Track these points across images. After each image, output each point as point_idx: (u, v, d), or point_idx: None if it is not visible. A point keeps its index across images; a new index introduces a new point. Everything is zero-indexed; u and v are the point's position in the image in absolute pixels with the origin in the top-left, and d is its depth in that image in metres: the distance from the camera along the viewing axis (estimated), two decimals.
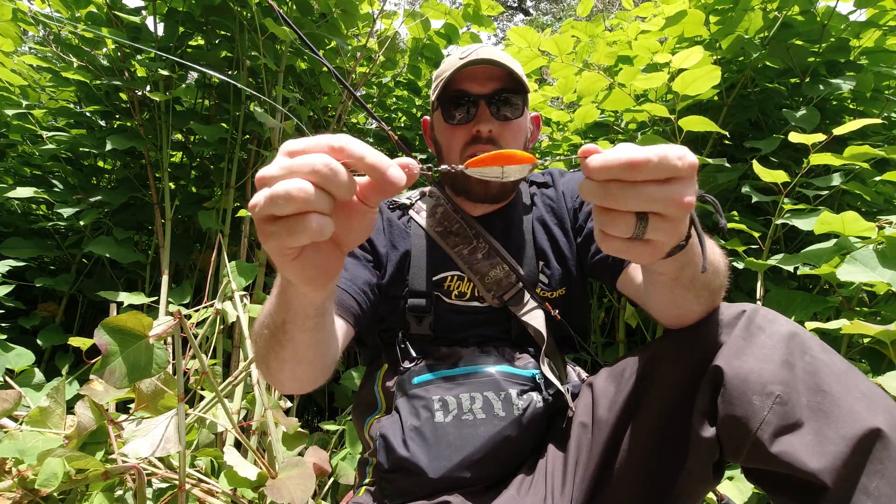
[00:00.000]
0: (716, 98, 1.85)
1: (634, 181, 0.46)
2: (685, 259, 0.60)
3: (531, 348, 0.94)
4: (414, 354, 0.92)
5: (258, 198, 0.42)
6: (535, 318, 0.94)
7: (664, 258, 0.57)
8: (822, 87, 1.67)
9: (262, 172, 0.43)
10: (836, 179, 1.53)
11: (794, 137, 1.43)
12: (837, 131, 1.40)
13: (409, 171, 0.45)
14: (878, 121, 1.41)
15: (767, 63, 1.79)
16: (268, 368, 0.70)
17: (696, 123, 1.56)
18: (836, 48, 1.74)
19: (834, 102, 1.87)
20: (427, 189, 1.08)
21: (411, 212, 1.03)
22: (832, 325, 1.16)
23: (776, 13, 1.71)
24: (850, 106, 1.90)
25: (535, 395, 0.86)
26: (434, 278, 0.97)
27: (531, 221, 1.03)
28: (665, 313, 0.75)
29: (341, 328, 0.89)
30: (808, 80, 1.75)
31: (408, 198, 1.06)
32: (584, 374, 1.04)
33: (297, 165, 0.42)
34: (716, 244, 0.72)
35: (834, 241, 1.35)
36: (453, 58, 0.96)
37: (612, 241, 0.51)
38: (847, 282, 1.24)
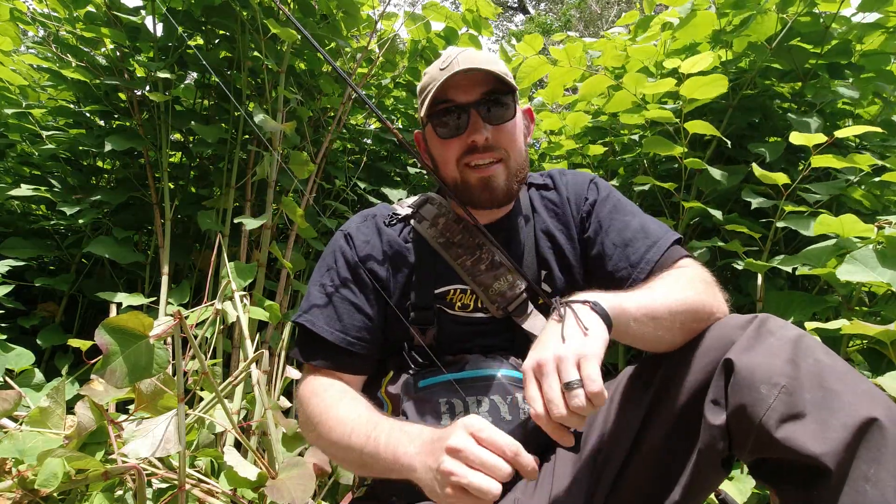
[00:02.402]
0: (722, 102, 1.85)
1: None
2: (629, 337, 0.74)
3: None
4: (420, 360, 0.92)
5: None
6: (539, 328, 0.93)
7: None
8: (823, 92, 1.67)
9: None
10: (839, 184, 1.53)
11: (796, 139, 1.43)
12: (839, 134, 1.40)
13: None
14: (879, 130, 1.42)
15: (771, 66, 1.79)
16: (331, 458, 0.90)
17: (700, 127, 1.57)
18: (839, 51, 1.74)
19: (839, 105, 1.88)
20: (430, 195, 1.06)
21: (413, 222, 1.01)
22: (832, 325, 1.16)
23: (783, 16, 1.70)
24: (849, 108, 1.91)
25: None
26: (437, 291, 0.96)
27: (533, 229, 1.01)
28: (645, 349, 0.80)
29: (356, 382, 0.94)
30: (811, 81, 1.75)
31: (409, 206, 1.05)
32: None
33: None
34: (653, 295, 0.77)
35: (833, 241, 1.35)
36: (434, 69, 0.94)
37: None
38: (846, 282, 1.25)
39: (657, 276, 0.85)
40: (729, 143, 1.70)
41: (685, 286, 0.79)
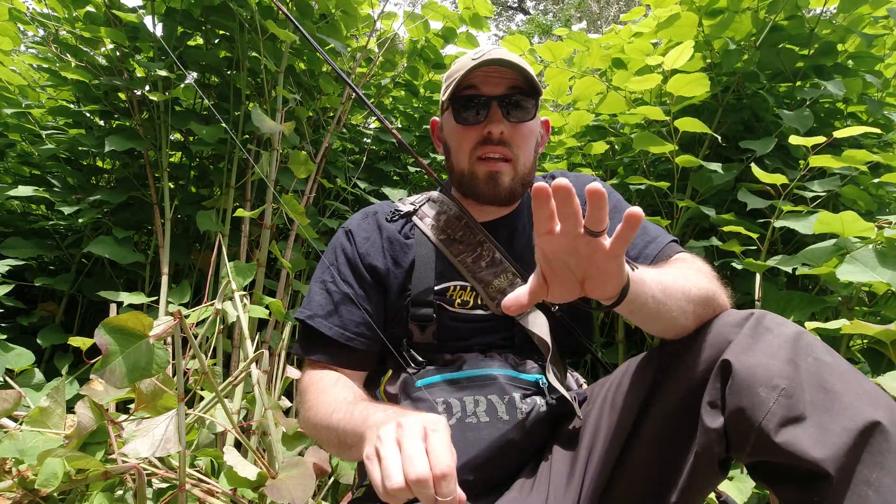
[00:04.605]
0: (711, 101, 1.86)
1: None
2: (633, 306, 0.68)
3: (535, 355, 0.94)
4: (419, 359, 0.92)
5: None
6: (539, 327, 0.93)
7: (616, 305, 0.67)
8: (812, 88, 1.69)
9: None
10: (835, 182, 1.53)
11: (795, 140, 1.44)
12: (838, 134, 1.40)
13: None
14: (877, 130, 1.42)
15: (758, 68, 1.81)
16: (320, 443, 0.94)
17: (690, 125, 1.58)
18: (823, 52, 1.76)
19: (826, 105, 1.88)
20: (433, 193, 1.07)
21: (415, 218, 1.02)
22: (832, 324, 1.16)
23: (766, 16, 1.73)
24: (841, 107, 1.92)
25: (538, 399, 0.86)
26: (437, 288, 0.96)
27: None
28: (657, 333, 0.77)
29: (356, 378, 0.94)
30: (799, 83, 1.76)
31: (412, 203, 1.05)
32: (581, 380, 1.04)
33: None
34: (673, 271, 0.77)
35: (833, 241, 1.35)
36: (466, 58, 0.95)
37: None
38: (847, 282, 1.25)
39: (665, 265, 0.85)
40: (720, 138, 1.72)
41: (697, 273, 0.80)
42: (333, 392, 0.86)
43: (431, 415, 0.64)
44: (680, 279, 0.75)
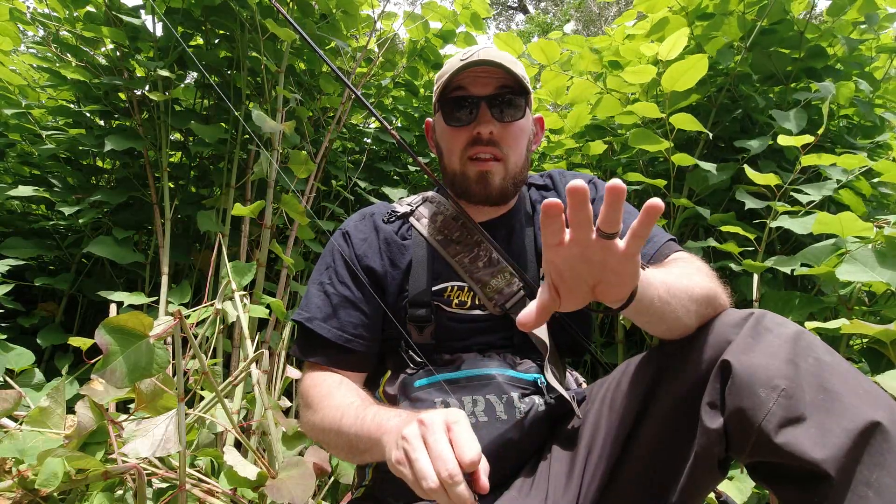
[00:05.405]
0: (705, 102, 1.87)
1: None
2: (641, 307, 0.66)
3: (534, 354, 0.94)
4: (418, 360, 0.92)
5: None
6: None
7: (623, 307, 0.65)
8: (804, 90, 1.71)
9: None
10: (831, 186, 1.54)
11: (784, 140, 1.45)
12: (822, 131, 1.42)
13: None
14: (864, 92, 1.43)
15: (750, 70, 1.82)
16: (326, 447, 0.91)
17: (685, 122, 1.58)
18: (813, 55, 1.77)
19: (820, 107, 1.90)
20: (429, 194, 1.07)
21: (411, 219, 1.02)
22: (832, 324, 1.16)
23: (756, 19, 1.74)
24: (833, 108, 1.93)
25: (537, 399, 0.86)
26: (434, 288, 0.96)
27: (533, 228, 1.02)
28: (661, 334, 0.77)
29: (356, 379, 0.94)
30: (793, 84, 1.78)
31: (408, 204, 1.05)
32: (581, 380, 1.04)
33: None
34: (673, 271, 0.77)
35: (831, 241, 1.36)
36: (455, 59, 0.95)
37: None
38: (845, 281, 1.25)
39: (664, 264, 0.85)
40: (710, 135, 1.72)
41: (698, 272, 0.80)
42: (339, 395, 0.86)
43: (450, 409, 0.64)
44: (683, 278, 0.74)
